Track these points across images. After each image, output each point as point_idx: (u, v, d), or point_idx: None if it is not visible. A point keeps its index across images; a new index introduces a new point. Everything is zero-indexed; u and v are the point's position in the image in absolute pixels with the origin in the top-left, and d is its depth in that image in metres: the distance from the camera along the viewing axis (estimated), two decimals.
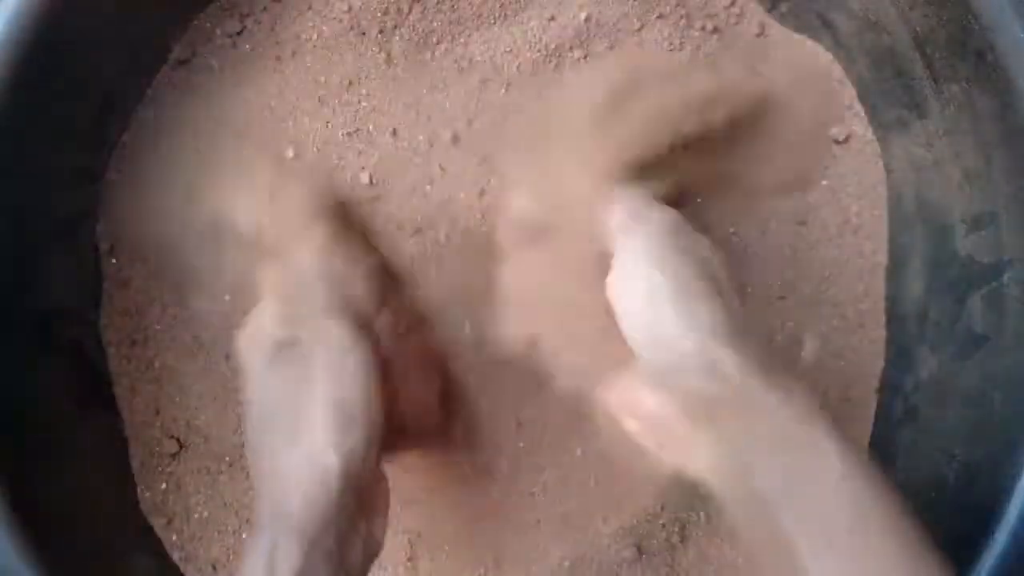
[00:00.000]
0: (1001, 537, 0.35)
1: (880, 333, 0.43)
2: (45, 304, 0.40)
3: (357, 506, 0.31)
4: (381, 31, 0.42)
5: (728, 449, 0.29)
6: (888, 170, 0.43)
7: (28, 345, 0.39)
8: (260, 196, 0.38)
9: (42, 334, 0.39)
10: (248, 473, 0.42)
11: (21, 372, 0.38)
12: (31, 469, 0.37)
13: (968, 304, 0.40)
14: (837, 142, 0.44)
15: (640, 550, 0.42)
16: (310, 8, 0.43)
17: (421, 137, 0.42)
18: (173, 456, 0.42)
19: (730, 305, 0.31)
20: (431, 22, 0.42)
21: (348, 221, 0.40)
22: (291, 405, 0.32)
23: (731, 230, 0.44)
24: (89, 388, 0.41)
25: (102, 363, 0.42)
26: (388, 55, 0.42)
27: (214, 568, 0.42)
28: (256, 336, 0.35)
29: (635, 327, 0.31)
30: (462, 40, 0.43)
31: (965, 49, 0.37)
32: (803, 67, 0.44)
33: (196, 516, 0.42)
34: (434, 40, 0.43)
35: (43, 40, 0.36)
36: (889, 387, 0.43)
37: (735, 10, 0.44)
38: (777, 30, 0.44)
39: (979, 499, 0.36)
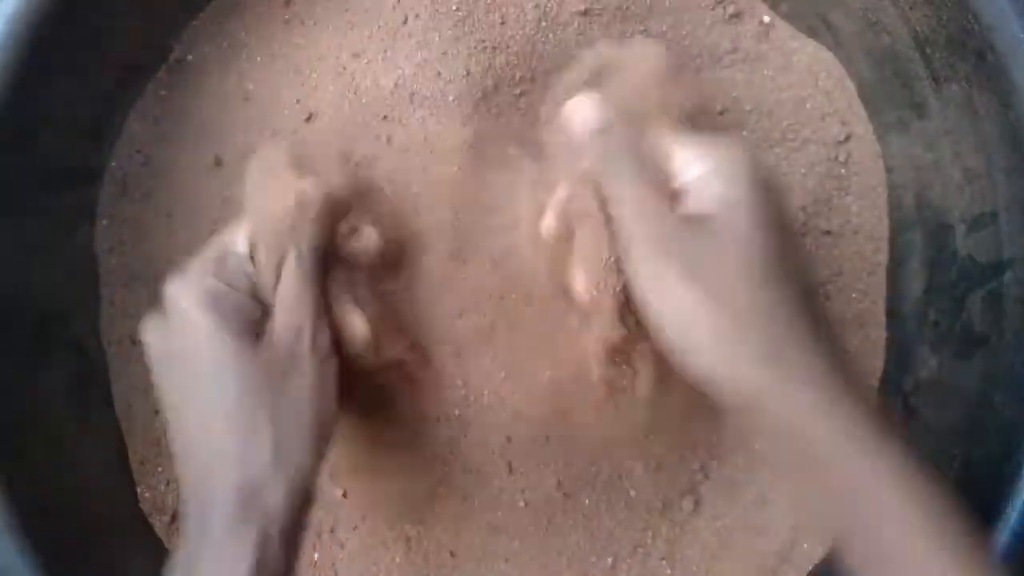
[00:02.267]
0: (1001, 537, 0.35)
1: (880, 333, 0.43)
2: (45, 304, 0.40)
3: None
4: None
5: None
6: (888, 170, 0.43)
7: (28, 345, 0.39)
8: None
9: (42, 334, 0.39)
10: None
11: (21, 372, 0.38)
12: (31, 469, 0.37)
13: (968, 304, 0.40)
14: (838, 142, 0.44)
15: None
16: None
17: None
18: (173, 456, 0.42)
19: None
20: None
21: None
22: (266, 401, 0.32)
23: None
24: (89, 388, 0.41)
25: (102, 363, 0.42)
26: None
27: None
28: (219, 303, 0.32)
29: None
30: None
31: (965, 49, 0.37)
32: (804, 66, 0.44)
33: None
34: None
35: (43, 40, 0.36)
36: (889, 387, 0.43)
37: (734, 8, 0.44)
38: (778, 28, 0.44)
39: (979, 499, 0.36)
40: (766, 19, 0.44)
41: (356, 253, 0.36)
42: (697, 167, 0.30)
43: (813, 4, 0.43)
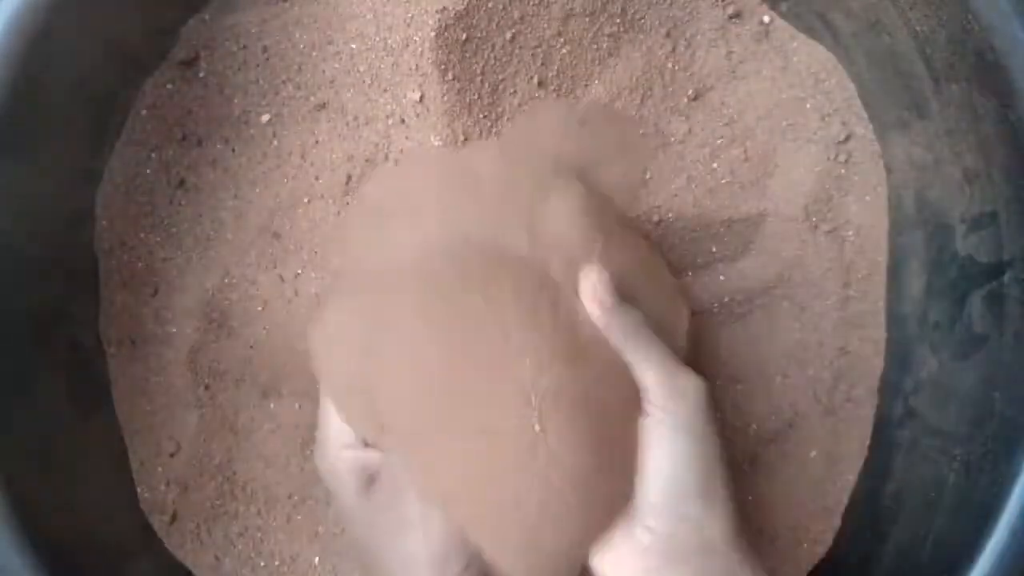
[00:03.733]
0: (1001, 537, 0.35)
1: (880, 333, 0.43)
2: (45, 304, 0.40)
3: None
4: None
5: None
6: (888, 170, 0.43)
7: (28, 345, 0.39)
8: None
9: (42, 334, 0.39)
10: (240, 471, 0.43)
11: (20, 372, 0.38)
12: (31, 469, 0.37)
13: (968, 304, 0.40)
14: (838, 142, 0.44)
15: None
16: None
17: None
18: (172, 456, 0.42)
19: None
20: None
21: None
22: (390, 544, 0.33)
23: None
24: (89, 388, 0.41)
25: (102, 363, 0.42)
26: None
27: (214, 566, 0.42)
28: (337, 467, 0.35)
29: (658, 493, 0.32)
30: None
31: (965, 49, 0.37)
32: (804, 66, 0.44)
33: (196, 515, 0.42)
34: None
35: (43, 40, 0.36)
36: (889, 387, 0.43)
37: (734, 8, 0.44)
38: (778, 28, 0.44)
39: (979, 499, 0.36)
40: (766, 19, 0.44)
41: None
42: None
43: (813, 4, 0.43)
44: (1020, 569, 0.35)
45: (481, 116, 0.42)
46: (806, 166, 0.44)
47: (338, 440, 0.35)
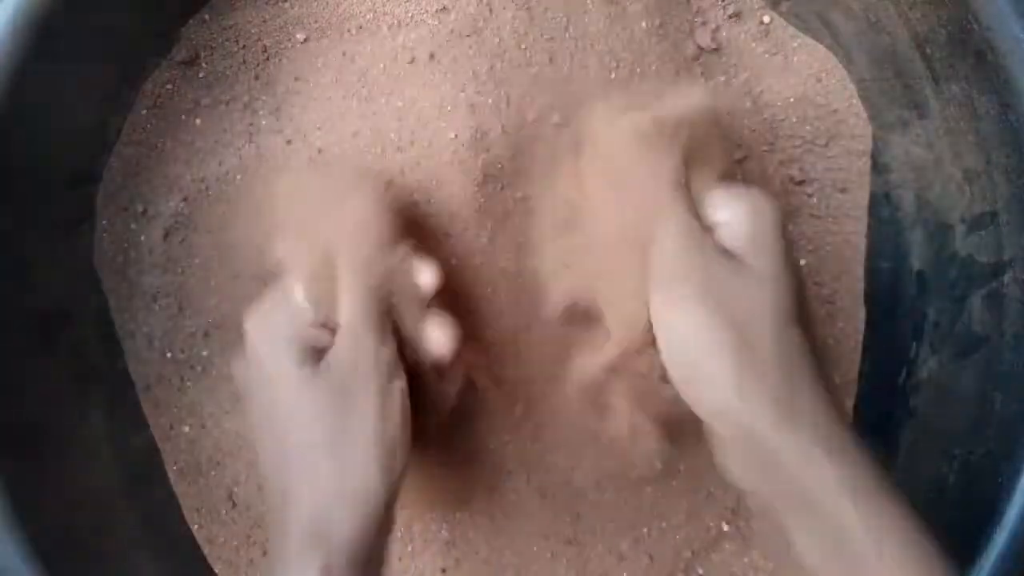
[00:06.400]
0: (1001, 537, 0.35)
1: (858, 322, 0.44)
2: (46, 304, 0.40)
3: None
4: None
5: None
6: (888, 170, 0.43)
7: (29, 345, 0.39)
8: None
9: (43, 334, 0.39)
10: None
11: (21, 372, 0.38)
12: (31, 469, 0.37)
13: (968, 304, 0.40)
14: (837, 142, 0.44)
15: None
16: None
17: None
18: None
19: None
20: None
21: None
22: (330, 425, 0.31)
23: None
24: (89, 387, 0.41)
25: (102, 363, 0.42)
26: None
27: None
28: (280, 334, 0.32)
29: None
30: None
31: (965, 49, 0.37)
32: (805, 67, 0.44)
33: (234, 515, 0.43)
34: None
35: (43, 40, 0.36)
36: (889, 387, 0.43)
37: (734, 8, 0.44)
38: (778, 28, 0.44)
39: (979, 499, 0.36)
40: (766, 19, 0.44)
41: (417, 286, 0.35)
42: (732, 207, 0.32)
43: (813, 4, 0.43)
44: (1020, 570, 0.35)
45: None
46: (805, 166, 0.44)
47: (293, 312, 0.33)
